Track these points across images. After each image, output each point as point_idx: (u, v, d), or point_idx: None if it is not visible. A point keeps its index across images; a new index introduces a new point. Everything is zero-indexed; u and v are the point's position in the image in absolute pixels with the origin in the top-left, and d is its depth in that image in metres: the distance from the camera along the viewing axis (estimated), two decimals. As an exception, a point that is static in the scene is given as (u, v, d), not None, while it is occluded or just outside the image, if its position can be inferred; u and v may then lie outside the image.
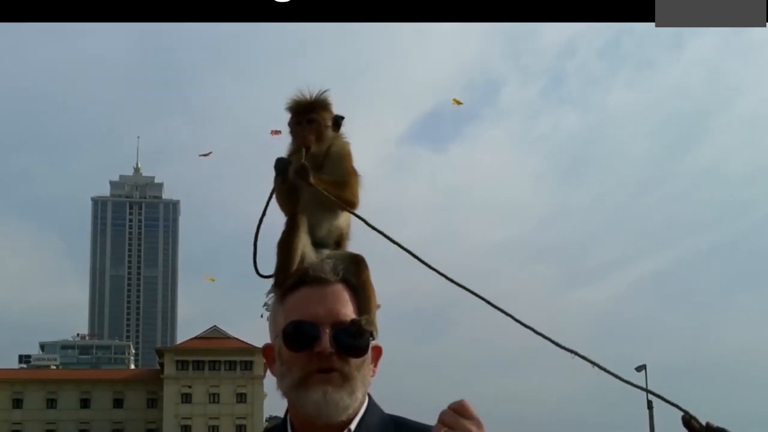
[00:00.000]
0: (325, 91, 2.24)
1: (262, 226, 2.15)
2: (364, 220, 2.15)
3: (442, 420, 1.71)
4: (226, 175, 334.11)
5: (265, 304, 2.11)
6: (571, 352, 1.98)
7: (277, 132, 2.29)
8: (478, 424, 1.72)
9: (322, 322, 1.88)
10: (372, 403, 1.96)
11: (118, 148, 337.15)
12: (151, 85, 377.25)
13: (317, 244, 2.20)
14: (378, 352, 2.00)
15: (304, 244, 2.15)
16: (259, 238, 2.14)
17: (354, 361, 1.89)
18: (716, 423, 1.77)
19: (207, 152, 70.06)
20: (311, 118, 2.22)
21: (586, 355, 1.96)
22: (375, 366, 1.99)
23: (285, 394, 1.92)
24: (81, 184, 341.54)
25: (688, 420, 1.79)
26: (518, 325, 2.08)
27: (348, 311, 1.92)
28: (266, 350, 2.00)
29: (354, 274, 2.01)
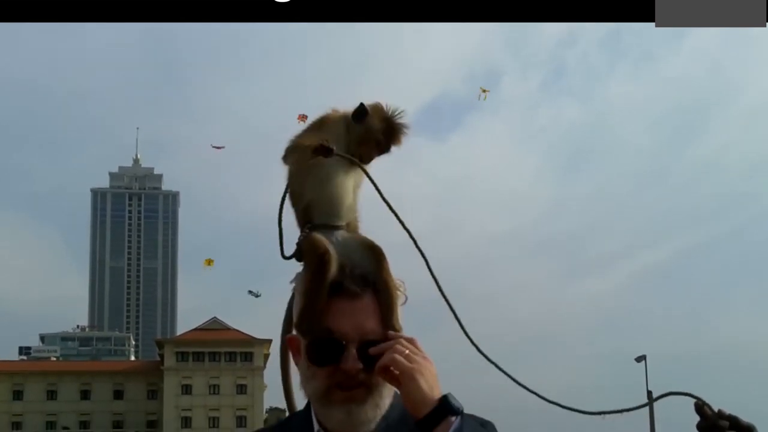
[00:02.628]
0: None
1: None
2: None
3: (397, 348, 1.79)
4: (225, 166, 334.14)
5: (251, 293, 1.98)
6: (565, 408, 1.94)
7: (303, 117, 2.14)
8: (426, 358, 1.81)
9: (350, 339, 1.82)
10: (396, 397, 1.90)
11: (118, 139, 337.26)
12: (150, 77, 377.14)
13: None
14: None
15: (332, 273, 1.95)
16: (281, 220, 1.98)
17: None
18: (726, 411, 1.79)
19: (220, 145, 69.56)
20: (387, 150, 2.04)
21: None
22: None
23: (308, 398, 1.90)
24: (80, 176, 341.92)
25: (701, 407, 1.78)
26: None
27: (375, 323, 1.85)
28: (291, 341, 1.95)
29: (377, 273, 1.91)
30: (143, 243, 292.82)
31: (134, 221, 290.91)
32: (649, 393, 42.78)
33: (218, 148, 66.90)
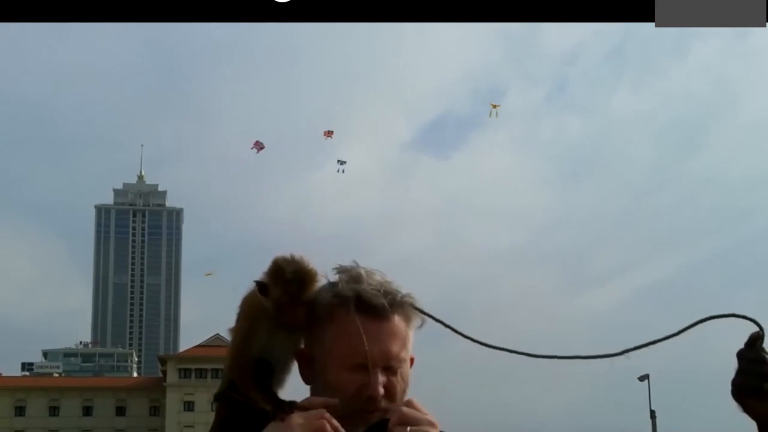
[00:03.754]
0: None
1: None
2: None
3: (403, 418, 1.68)
4: (229, 183, 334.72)
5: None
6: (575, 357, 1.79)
7: (329, 133, 1.99)
8: (432, 423, 1.70)
9: (375, 365, 1.76)
10: None
11: (122, 155, 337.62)
12: (155, 93, 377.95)
13: None
14: (411, 362, 1.89)
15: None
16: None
17: (400, 397, 1.79)
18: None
19: (260, 146, 65.15)
20: (308, 298, 1.90)
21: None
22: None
23: None
24: (84, 192, 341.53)
25: (758, 336, 1.60)
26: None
27: (398, 348, 1.80)
28: (302, 355, 1.88)
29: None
30: (147, 259, 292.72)
31: (138, 237, 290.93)
32: (652, 412, 42.59)
33: (259, 146, 63.08)
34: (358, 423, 1.76)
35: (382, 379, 1.77)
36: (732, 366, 1.62)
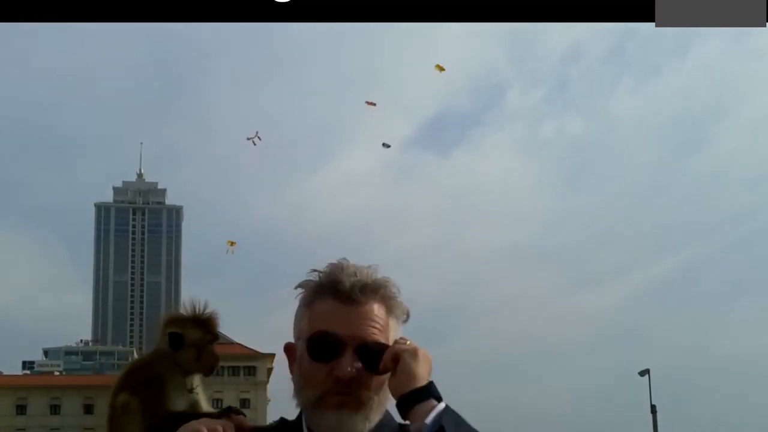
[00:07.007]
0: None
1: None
2: None
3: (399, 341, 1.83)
4: (229, 180, 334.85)
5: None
6: None
7: (372, 103, 2.10)
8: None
9: (347, 343, 1.81)
10: (386, 416, 1.90)
11: (122, 154, 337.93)
12: (155, 91, 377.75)
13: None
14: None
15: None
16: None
17: (374, 385, 1.83)
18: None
19: (254, 136, 66.93)
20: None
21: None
22: None
23: (301, 406, 1.89)
24: (84, 190, 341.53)
25: None
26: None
27: (375, 331, 1.84)
28: (288, 349, 1.94)
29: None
30: (147, 257, 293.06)
31: (138, 236, 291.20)
32: (653, 407, 42.57)
33: (254, 139, 64.59)
34: (331, 406, 1.81)
35: (354, 363, 1.81)
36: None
